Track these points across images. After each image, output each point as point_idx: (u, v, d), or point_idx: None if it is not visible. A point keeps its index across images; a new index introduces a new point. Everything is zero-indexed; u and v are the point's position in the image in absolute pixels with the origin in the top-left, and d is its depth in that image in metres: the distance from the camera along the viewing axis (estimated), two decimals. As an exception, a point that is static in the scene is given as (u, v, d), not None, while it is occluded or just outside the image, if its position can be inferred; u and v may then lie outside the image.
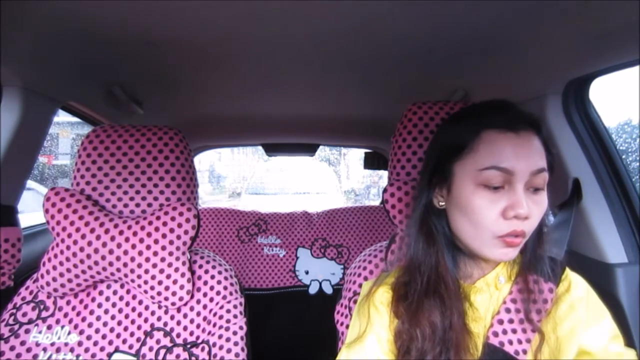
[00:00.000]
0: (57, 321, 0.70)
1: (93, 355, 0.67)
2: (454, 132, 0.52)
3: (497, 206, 0.47)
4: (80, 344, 0.68)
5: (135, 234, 0.67)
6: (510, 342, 0.51)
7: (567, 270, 0.56)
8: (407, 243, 0.55)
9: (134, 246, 0.67)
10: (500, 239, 0.47)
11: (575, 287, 0.54)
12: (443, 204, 0.53)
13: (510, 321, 0.52)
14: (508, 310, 0.52)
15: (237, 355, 0.65)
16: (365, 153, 2.05)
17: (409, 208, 0.66)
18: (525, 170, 0.46)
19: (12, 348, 0.67)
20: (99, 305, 0.71)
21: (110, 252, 0.67)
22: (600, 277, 0.76)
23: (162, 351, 0.67)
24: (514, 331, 0.51)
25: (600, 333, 0.51)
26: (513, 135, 0.48)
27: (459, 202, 0.50)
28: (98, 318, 0.70)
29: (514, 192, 0.46)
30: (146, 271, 0.67)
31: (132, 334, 0.69)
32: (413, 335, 0.49)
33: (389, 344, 0.52)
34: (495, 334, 0.51)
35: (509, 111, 0.50)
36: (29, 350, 0.67)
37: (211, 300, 0.70)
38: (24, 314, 0.70)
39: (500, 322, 0.52)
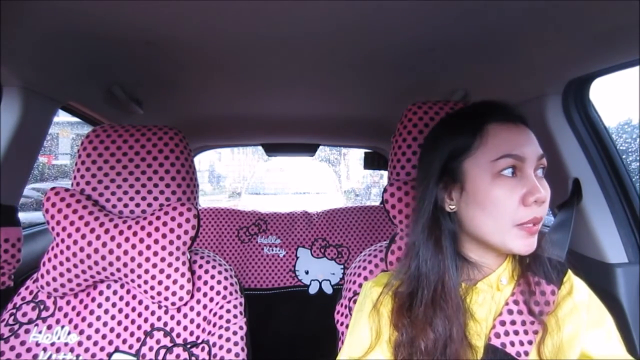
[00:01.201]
0: (57, 321, 0.70)
1: (93, 355, 0.67)
2: (457, 133, 0.53)
3: (516, 194, 0.48)
4: (80, 344, 0.68)
5: (135, 234, 0.67)
6: (512, 344, 0.51)
7: (570, 273, 0.56)
8: (415, 252, 0.53)
9: (134, 246, 0.67)
10: (521, 227, 0.47)
11: (578, 290, 0.54)
12: (454, 207, 0.52)
13: (513, 322, 0.52)
14: (510, 312, 0.52)
15: (237, 355, 0.65)
16: (365, 153, 2.05)
17: (409, 208, 0.66)
18: (533, 156, 0.49)
19: (12, 348, 0.67)
20: (99, 305, 0.71)
21: (110, 252, 0.67)
22: (600, 277, 0.76)
23: (162, 351, 0.67)
24: (516, 332, 0.51)
25: (603, 338, 0.51)
26: (513, 125, 0.51)
27: (476, 197, 0.50)
28: (98, 318, 0.70)
29: (528, 178, 0.48)
30: (146, 271, 0.67)
31: (132, 334, 0.69)
32: (414, 349, 0.49)
33: (389, 348, 0.52)
34: (497, 335, 0.51)
35: (501, 105, 0.53)
36: (29, 350, 0.67)
37: (211, 300, 0.70)
38: (24, 314, 0.70)
39: (503, 323, 0.52)
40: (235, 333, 0.67)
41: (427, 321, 0.49)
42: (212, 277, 0.71)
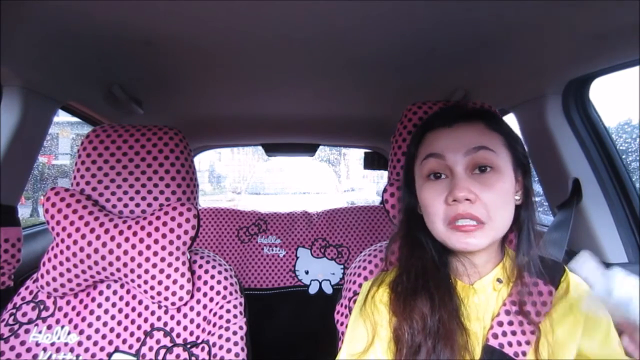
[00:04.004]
0: (57, 321, 0.70)
1: (93, 355, 0.67)
2: (410, 144, 0.59)
3: (441, 195, 0.50)
4: (80, 344, 0.68)
5: (135, 234, 0.67)
6: (510, 344, 0.51)
7: (567, 272, 0.55)
8: (398, 246, 0.58)
9: (133, 246, 0.67)
10: (451, 226, 0.48)
11: (574, 289, 0.54)
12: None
13: (510, 323, 0.52)
14: (508, 312, 0.52)
15: (237, 355, 0.65)
16: (365, 153, 2.05)
17: None
18: (457, 153, 0.50)
19: (12, 348, 0.67)
20: (99, 305, 0.71)
21: (110, 252, 0.67)
22: (600, 277, 0.76)
23: (162, 351, 0.67)
24: (514, 333, 0.51)
25: (601, 340, 0.51)
26: (447, 129, 0.53)
27: (419, 200, 0.54)
28: (98, 318, 0.70)
29: (453, 178, 0.49)
30: (146, 271, 0.67)
31: (132, 334, 0.69)
32: (404, 329, 0.50)
33: (389, 343, 0.52)
34: (495, 336, 0.51)
35: (446, 111, 0.57)
36: (28, 350, 0.67)
37: (211, 300, 0.70)
38: (24, 314, 0.70)
39: (500, 324, 0.52)
40: (235, 333, 0.67)
41: (412, 303, 0.51)
42: (212, 277, 0.71)
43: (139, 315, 0.70)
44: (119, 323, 0.70)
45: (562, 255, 0.72)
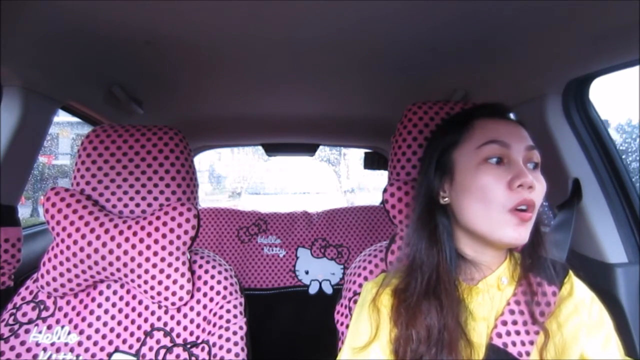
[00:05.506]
0: (57, 321, 0.70)
1: (93, 355, 0.67)
2: (449, 130, 0.56)
3: (503, 180, 0.49)
4: (80, 344, 0.68)
5: (135, 234, 0.67)
6: (514, 344, 0.51)
7: (571, 274, 0.56)
8: (411, 242, 0.55)
9: (133, 246, 0.67)
10: (512, 212, 0.48)
11: (578, 290, 0.54)
12: (447, 199, 0.54)
13: (514, 323, 0.52)
14: (512, 312, 0.52)
15: (237, 355, 0.65)
16: (365, 153, 2.05)
17: (409, 208, 0.66)
18: (520, 145, 0.50)
19: (12, 348, 0.67)
20: (99, 305, 0.71)
21: (110, 252, 0.67)
22: (600, 277, 0.76)
23: (162, 351, 0.67)
24: (518, 333, 0.51)
25: (601, 343, 0.51)
26: (502, 119, 0.54)
27: (464, 185, 0.51)
28: (98, 318, 0.70)
29: (515, 164, 0.49)
30: (146, 271, 0.67)
31: (132, 334, 0.69)
32: (409, 337, 0.50)
33: (389, 345, 0.52)
34: (499, 335, 0.51)
35: (493, 104, 0.56)
36: (29, 350, 0.67)
37: (211, 300, 0.70)
38: (24, 314, 0.70)
39: (504, 323, 0.52)
40: (235, 333, 0.67)
41: (420, 309, 0.50)
42: (212, 277, 0.71)
43: (139, 315, 0.70)
44: (119, 323, 0.70)
45: (564, 256, 0.72)
